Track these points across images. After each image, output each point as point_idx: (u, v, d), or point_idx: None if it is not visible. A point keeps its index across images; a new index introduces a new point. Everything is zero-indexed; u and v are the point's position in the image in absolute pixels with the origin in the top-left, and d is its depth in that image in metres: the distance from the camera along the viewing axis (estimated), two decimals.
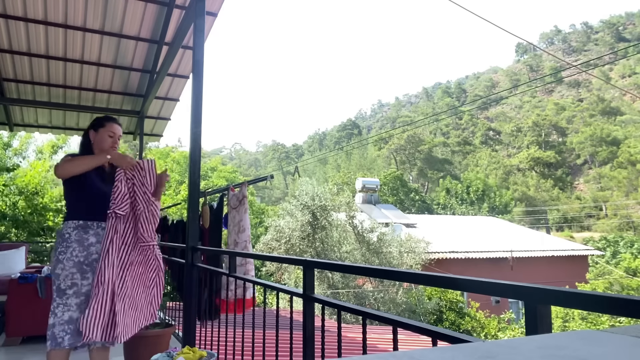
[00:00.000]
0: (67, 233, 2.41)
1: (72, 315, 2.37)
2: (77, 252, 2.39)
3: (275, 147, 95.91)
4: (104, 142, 2.62)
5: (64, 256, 2.37)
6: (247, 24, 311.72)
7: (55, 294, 2.38)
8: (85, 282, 2.40)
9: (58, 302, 2.38)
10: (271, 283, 2.34)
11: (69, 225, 2.43)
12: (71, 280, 2.37)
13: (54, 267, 2.39)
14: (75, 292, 2.38)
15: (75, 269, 2.37)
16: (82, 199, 2.48)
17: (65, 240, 2.39)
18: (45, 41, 4.92)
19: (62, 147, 12.98)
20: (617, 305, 0.75)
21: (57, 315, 2.37)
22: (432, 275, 1.20)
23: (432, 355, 0.48)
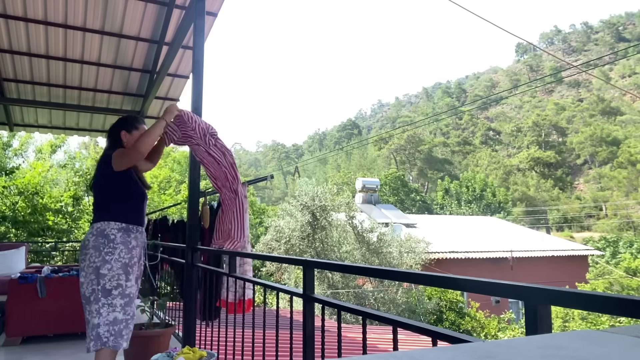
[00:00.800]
0: (112, 234, 2.42)
1: (117, 316, 2.36)
2: (123, 254, 2.41)
3: (275, 147, 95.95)
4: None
5: (111, 257, 2.38)
6: (247, 24, 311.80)
7: (101, 294, 2.35)
8: (128, 284, 2.43)
9: (103, 302, 2.35)
10: (271, 283, 2.34)
11: (112, 227, 2.43)
12: (117, 281, 2.38)
13: (98, 267, 2.36)
14: (120, 292, 2.38)
15: (121, 270, 2.39)
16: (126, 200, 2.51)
17: (112, 241, 2.40)
18: (45, 41, 4.92)
19: (61, 147, 12.98)
20: (617, 305, 0.75)
21: (103, 315, 2.34)
22: (432, 275, 1.20)
23: (432, 355, 0.48)
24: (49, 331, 4.12)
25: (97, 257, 2.37)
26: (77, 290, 4.19)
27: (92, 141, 43.98)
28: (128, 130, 2.60)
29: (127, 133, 2.60)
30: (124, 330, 2.37)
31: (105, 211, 2.47)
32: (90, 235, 2.43)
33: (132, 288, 2.45)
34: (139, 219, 2.56)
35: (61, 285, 4.19)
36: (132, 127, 2.62)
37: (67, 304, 4.16)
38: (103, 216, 2.45)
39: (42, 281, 4.08)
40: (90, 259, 2.39)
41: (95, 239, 2.40)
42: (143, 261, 2.67)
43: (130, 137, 2.59)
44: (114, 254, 2.39)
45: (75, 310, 4.18)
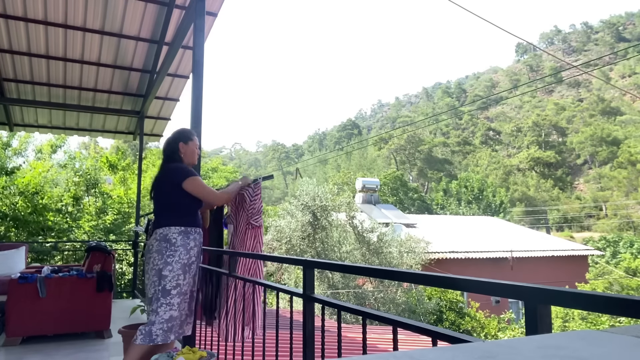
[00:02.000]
0: (173, 238, 2.62)
1: (172, 314, 2.55)
2: (182, 255, 2.62)
3: (275, 147, 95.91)
4: (194, 155, 2.90)
5: (172, 259, 2.59)
6: (247, 24, 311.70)
7: (160, 294, 2.54)
8: (185, 282, 2.63)
9: (162, 302, 2.54)
10: (271, 283, 2.34)
11: (173, 231, 2.64)
12: (176, 281, 2.57)
13: (160, 269, 2.56)
14: (178, 292, 2.58)
15: (181, 270, 2.60)
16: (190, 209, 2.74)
17: (173, 245, 2.61)
18: (45, 41, 4.92)
19: (61, 147, 12.97)
20: (617, 305, 0.75)
21: (159, 314, 2.53)
22: (432, 275, 1.20)
23: (432, 355, 0.48)
24: (49, 331, 4.12)
25: (159, 259, 2.58)
26: (77, 290, 4.21)
27: (92, 141, 44.00)
28: (185, 142, 2.85)
29: (184, 144, 2.84)
30: (175, 327, 2.56)
31: (167, 218, 2.68)
32: (154, 241, 2.65)
33: (187, 286, 2.65)
34: (196, 221, 2.78)
35: (61, 285, 4.19)
36: (187, 139, 2.86)
37: (67, 304, 4.16)
38: (165, 222, 2.67)
39: (42, 281, 4.08)
40: (153, 262, 2.61)
41: (159, 243, 2.62)
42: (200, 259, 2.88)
43: (186, 148, 2.84)
44: (174, 257, 2.59)
45: (75, 310, 4.19)
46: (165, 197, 2.74)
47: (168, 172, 2.78)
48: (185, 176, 2.70)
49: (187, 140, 2.86)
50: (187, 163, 2.87)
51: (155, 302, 2.55)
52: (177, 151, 2.83)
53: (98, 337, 4.29)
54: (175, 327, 2.58)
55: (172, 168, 2.78)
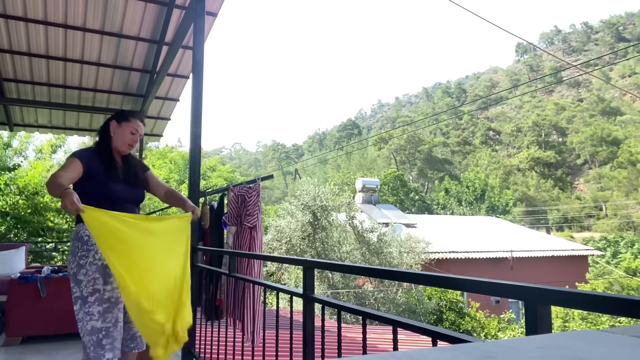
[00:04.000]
0: (85, 236, 2.21)
1: (94, 324, 2.15)
2: (99, 256, 2.19)
3: (275, 147, 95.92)
4: (125, 137, 2.42)
5: (85, 260, 2.18)
6: (247, 24, 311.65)
7: (80, 301, 2.18)
8: (107, 288, 2.20)
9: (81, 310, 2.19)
10: (271, 283, 2.34)
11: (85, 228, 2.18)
12: (93, 287, 2.17)
13: (75, 273, 2.19)
14: (97, 298, 2.17)
15: (98, 273, 2.18)
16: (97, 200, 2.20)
17: (85, 244, 2.21)
18: (45, 41, 4.92)
19: (61, 147, 12.97)
20: (617, 305, 0.75)
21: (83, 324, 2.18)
22: (432, 275, 1.20)
23: (432, 355, 0.48)
24: (49, 331, 4.12)
25: (72, 262, 2.21)
26: None
27: (92, 141, 44.05)
28: (118, 121, 2.42)
29: (117, 124, 2.42)
30: (104, 340, 2.14)
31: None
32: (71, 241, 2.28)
33: (113, 292, 2.20)
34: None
35: (61, 285, 4.19)
36: (123, 119, 2.42)
37: (67, 304, 4.12)
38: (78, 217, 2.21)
39: (42, 281, 4.08)
40: (69, 265, 2.24)
41: (72, 243, 2.25)
42: None
43: (118, 129, 2.40)
44: (88, 257, 2.18)
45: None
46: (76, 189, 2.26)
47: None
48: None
49: (121, 120, 2.42)
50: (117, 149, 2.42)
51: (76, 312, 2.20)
52: (107, 130, 2.42)
53: None
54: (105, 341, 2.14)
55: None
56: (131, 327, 2.38)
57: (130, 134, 2.42)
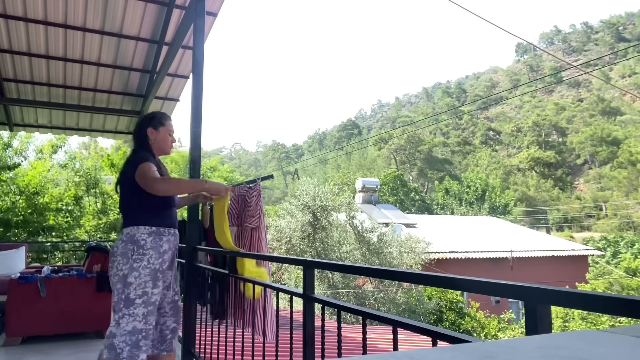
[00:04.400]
0: (142, 240, 2.28)
1: (136, 325, 2.22)
2: (153, 260, 2.29)
3: (275, 147, 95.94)
4: (166, 142, 2.52)
5: (139, 264, 2.25)
6: (247, 24, 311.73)
7: (123, 303, 2.23)
8: (155, 291, 2.30)
9: (124, 313, 2.23)
10: (271, 283, 2.34)
11: (142, 232, 2.29)
12: (142, 289, 2.25)
13: (125, 275, 2.24)
14: (144, 301, 2.25)
15: (149, 277, 2.27)
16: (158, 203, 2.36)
17: (141, 247, 2.27)
18: (45, 41, 4.92)
19: (61, 147, 12.97)
20: (617, 305, 0.75)
21: (121, 325, 2.22)
22: (432, 275, 1.20)
23: (432, 355, 0.48)
24: (49, 331, 4.12)
25: (124, 264, 2.25)
26: (77, 290, 4.21)
27: (92, 141, 43.91)
28: (154, 127, 2.49)
29: (154, 129, 2.48)
30: (142, 341, 2.22)
31: (134, 216, 2.34)
32: (120, 242, 2.32)
33: (157, 296, 2.32)
34: (169, 219, 2.43)
35: (61, 285, 4.19)
36: (158, 124, 2.50)
37: (67, 304, 4.16)
38: (132, 221, 2.33)
39: (42, 281, 4.08)
40: (117, 266, 2.27)
41: (124, 245, 2.29)
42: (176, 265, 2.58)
43: (157, 134, 2.48)
44: (142, 261, 2.26)
45: (75, 311, 4.19)
46: (127, 193, 2.38)
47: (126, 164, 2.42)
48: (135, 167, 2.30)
49: (158, 126, 2.49)
50: (158, 152, 2.51)
51: (117, 312, 2.25)
52: (145, 138, 2.47)
53: (98, 337, 4.29)
54: (142, 343, 2.23)
55: (129, 159, 2.43)
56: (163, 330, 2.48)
57: (169, 135, 2.55)
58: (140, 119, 2.60)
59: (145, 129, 2.49)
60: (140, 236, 2.29)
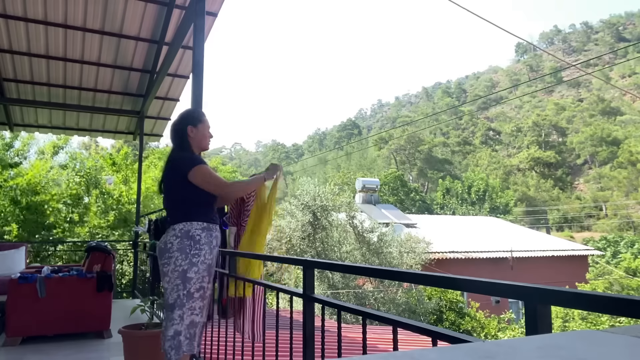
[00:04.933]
0: (197, 235, 2.31)
1: (194, 319, 2.26)
2: (207, 255, 2.33)
3: (275, 147, 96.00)
4: (205, 138, 2.54)
5: (198, 259, 2.28)
6: (247, 24, 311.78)
7: (186, 298, 2.24)
8: (209, 286, 2.37)
9: (187, 307, 2.24)
10: (271, 283, 2.34)
11: (196, 227, 2.33)
12: (200, 284, 2.29)
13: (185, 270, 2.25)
14: (201, 295, 2.30)
15: (206, 272, 2.31)
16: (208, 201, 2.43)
17: (197, 242, 2.30)
18: (45, 41, 4.93)
19: (63, 148, 12.98)
20: (617, 305, 0.75)
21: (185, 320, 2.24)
22: (432, 275, 1.20)
23: (432, 355, 0.48)
24: (49, 331, 4.12)
25: (183, 260, 2.26)
26: (77, 290, 4.21)
27: (92, 141, 43.96)
28: (194, 125, 2.50)
29: (194, 127, 2.49)
30: (197, 334, 2.28)
31: (186, 212, 2.36)
32: (174, 238, 2.30)
33: (210, 290, 2.41)
34: (215, 217, 2.50)
35: (61, 285, 4.19)
36: (197, 121, 2.52)
37: (67, 304, 4.16)
38: (185, 217, 2.35)
39: (42, 281, 4.08)
40: (176, 262, 2.26)
41: (180, 241, 2.29)
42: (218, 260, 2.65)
43: (197, 131, 2.49)
44: (200, 256, 2.29)
45: (75, 310, 4.19)
46: (176, 191, 2.41)
47: (174, 162, 2.45)
48: (190, 166, 2.34)
49: (197, 123, 2.51)
50: (197, 149, 2.53)
51: (178, 308, 2.23)
52: (185, 136, 2.48)
53: (98, 337, 4.29)
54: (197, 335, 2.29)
55: (177, 158, 2.46)
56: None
57: (208, 133, 2.57)
58: (179, 117, 2.60)
59: (185, 126, 2.49)
60: (195, 231, 2.32)
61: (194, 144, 2.50)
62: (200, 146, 2.54)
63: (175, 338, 2.22)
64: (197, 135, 2.50)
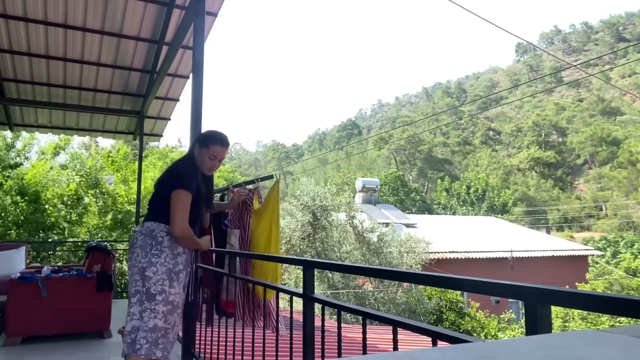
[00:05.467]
0: (160, 236, 2.33)
1: (157, 323, 2.25)
2: (168, 259, 2.32)
3: (275, 147, 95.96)
4: (204, 162, 2.52)
5: (157, 260, 2.29)
6: (247, 24, 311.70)
7: (145, 297, 2.26)
8: (172, 291, 2.31)
9: (146, 307, 2.25)
10: (271, 283, 2.34)
11: (162, 229, 2.35)
12: (161, 287, 2.27)
13: (143, 268, 2.28)
14: (164, 299, 2.28)
15: (166, 275, 2.29)
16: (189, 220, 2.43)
17: (159, 244, 2.32)
18: (45, 41, 4.92)
19: (64, 148, 12.97)
20: (617, 305, 0.75)
21: (144, 319, 2.25)
22: (432, 275, 1.20)
23: (432, 355, 0.48)
24: (49, 331, 4.12)
25: (143, 257, 2.30)
26: (77, 290, 4.21)
27: (92, 141, 43.94)
28: (200, 145, 2.53)
29: (199, 148, 2.53)
30: (160, 339, 2.25)
31: (158, 213, 2.38)
32: (139, 234, 2.37)
33: (176, 296, 2.33)
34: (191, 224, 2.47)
35: (61, 285, 4.19)
36: (203, 144, 2.52)
37: (67, 304, 4.16)
38: (154, 217, 2.38)
39: (42, 281, 4.08)
40: (136, 258, 2.32)
41: (144, 238, 2.34)
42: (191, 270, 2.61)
43: (199, 153, 2.52)
44: (159, 257, 2.30)
45: (75, 310, 4.19)
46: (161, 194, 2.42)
47: (173, 171, 2.51)
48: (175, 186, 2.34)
49: (203, 146, 2.51)
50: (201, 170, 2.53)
51: (138, 304, 2.29)
52: (192, 150, 2.56)
53: (98, 337, 4.29)
54: (161, 341, 2.25)
55: (174, 168, 2.52)
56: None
57: (209, 159, 2.51)
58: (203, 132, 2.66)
59: (196, 142, 2.56)
60: (159, 233, 2.34)
61: (197, 162, 2.53)
62: (200, 167, 2.53)
63: (132, 334, 2.25)
64: (198, 156, 2.52)
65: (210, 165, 2.53)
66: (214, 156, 2.52)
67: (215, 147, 2.52)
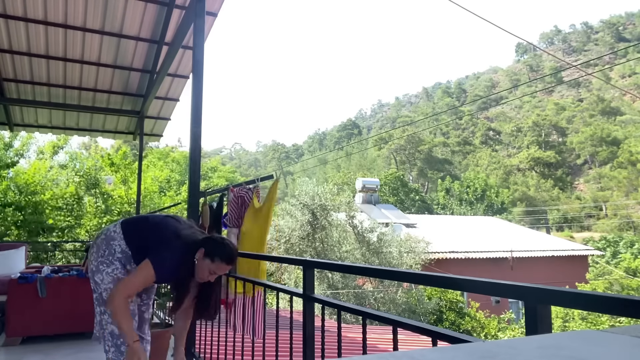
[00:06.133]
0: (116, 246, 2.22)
1: (113, 329, 2.20)
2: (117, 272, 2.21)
3: (275, 147, 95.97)
4: (203, 273, 2.20)
5: (105, 269, 2.20)
6: (247, 24, 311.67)
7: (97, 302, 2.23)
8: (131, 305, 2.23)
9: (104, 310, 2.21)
10: (271, 283, 2.34)
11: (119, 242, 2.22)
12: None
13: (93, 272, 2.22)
14: None
15: (112, 284, 2.18)
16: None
17: (111, 254, 2.21)
18: (45, 41, 4.93)
19: (63, 148, 12.98)
20: (617, 305, 0.75)
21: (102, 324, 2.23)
22: (432, 275, 1.20)
23: (432, 355, 0.48)
24: (49, 331, 4.12)
25: (94, 260, 2.23)
26: (77, 290, 4.21)
27: (92, 141, 43.87)
28: (204, 253, 2.19)
29: (201, 255, 2.19)
30: (122, 347, 2.19)
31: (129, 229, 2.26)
32: (102, 234, 2.28)
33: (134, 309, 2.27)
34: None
35: (61, 285, 4.19)
36: (209, 255, 2.17)
37: (67, 304, 4.16)
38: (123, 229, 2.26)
39: (42, 281, 4.08)
40: (91, 256, 2.26)
41: (102, 241, 2.25)
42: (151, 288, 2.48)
43: (201, 260, 2.19)
44: (108, 267, 2.20)
45: (75, 310, 4.19)
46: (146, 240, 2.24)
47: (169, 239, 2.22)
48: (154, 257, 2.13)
49: (206, 256, 2.18)
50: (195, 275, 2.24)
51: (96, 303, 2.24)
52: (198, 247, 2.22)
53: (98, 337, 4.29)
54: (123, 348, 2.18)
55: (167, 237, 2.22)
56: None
57: (208, 272, 2.21)
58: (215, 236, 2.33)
59: (204, 244, 2.22)
60: (117, 244, 2.22)
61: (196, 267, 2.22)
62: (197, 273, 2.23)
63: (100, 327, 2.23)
64: (198, 262, 2.20)
65: (205, 278, 2.23)
66: (214, 272, 2.22)
67: (221, 264, 2.19)
